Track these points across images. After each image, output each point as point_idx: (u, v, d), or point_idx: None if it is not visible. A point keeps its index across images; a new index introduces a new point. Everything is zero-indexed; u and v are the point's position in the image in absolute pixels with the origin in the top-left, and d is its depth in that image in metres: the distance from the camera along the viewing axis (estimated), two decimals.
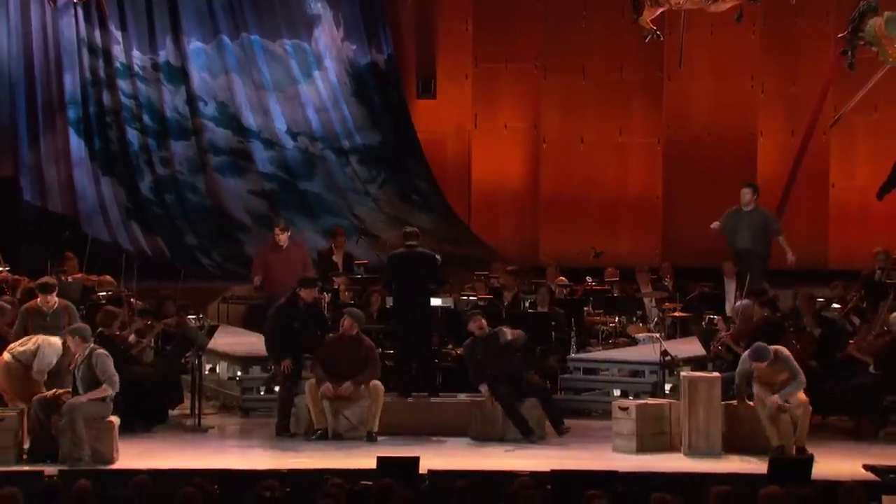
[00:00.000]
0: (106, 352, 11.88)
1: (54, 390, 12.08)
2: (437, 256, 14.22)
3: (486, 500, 8.66)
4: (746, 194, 16.37)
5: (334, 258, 17.49)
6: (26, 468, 11.34)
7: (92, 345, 11.90)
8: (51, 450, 11.68)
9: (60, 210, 20.91)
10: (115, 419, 11.99)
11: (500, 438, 13.09)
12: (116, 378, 11.70)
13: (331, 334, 13.54)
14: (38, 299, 12.84)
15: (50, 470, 10.99)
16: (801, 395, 12.43)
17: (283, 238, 15.96)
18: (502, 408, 13.08)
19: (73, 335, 11.93)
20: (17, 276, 15.88)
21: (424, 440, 12.98)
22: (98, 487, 8.70)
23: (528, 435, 12.97)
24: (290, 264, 15.42)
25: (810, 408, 12.46)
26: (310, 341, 13.41)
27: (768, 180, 21.44)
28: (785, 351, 12.56)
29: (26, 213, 20.68)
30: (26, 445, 11.89)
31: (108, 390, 11.63)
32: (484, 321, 13.26)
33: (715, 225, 16.50)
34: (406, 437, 13.10)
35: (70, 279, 16.03)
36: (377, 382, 13.13)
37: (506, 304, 16.10)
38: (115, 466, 11.62)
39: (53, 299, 12.87)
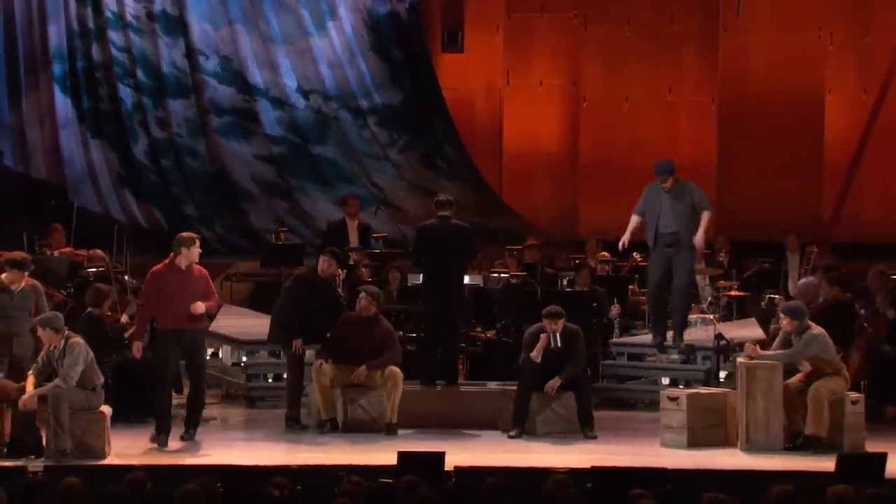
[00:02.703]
0: (82, 341, 11.84)
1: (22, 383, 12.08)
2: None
3: (520, 500, 8.67)
4: (666, 181, 14.52)
5: (347, 230, 17.43)
6: (8, 464, 11.41)
7: (67, 332, 11.91)
8: (34, 444, 11.73)
9: (45, 177, 21.00)
10: (107, 409, 12.04)
11: (533, 431, 13.10)
12: (75, 373, 11.65)
13: (345, 315, 13.55)
14: (4, 275, 12.74)
15: (34, 466, 11.06)
16: (838, 384, 12.40)
17: (193, 254, 12.56)
18: (516, 393, 13.13)
19: (43, 327, 11.85)
20: None
21: (450, 433, 12.99)
22: (87, 484, 8.74)
23: (514, 428, 12.95)
24: (190, 292, 12.47)
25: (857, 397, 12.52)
26: (317, 323, 13.38)
27: (837, 143, 21.37)
28: (819, 332, 12.49)
29: (7, 180, 20.77)
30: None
31: (59, 386, 11.63)
32: (561, 324, 13.11)
33: (624, 240, 14.67)
34: (430, 430, 13.12)
35: (56, 253, 16.09)
36: (395, 368, 13.15)
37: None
38: (107, 461, 11.67)
39: (22, 278, 12.73)
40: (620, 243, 14.90)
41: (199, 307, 12.50)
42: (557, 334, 13.10)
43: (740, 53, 21.82)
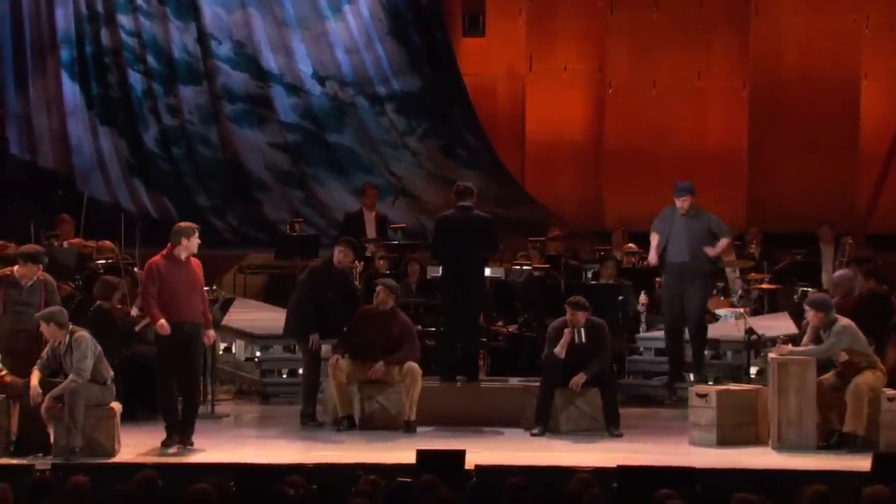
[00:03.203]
0: (88, 335, 11.85)
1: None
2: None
3: (542, 500, 8.67)
4: (684, 202, 14.44)
5: (364, 221, 17.45)
6: (15, 462, 11.44)
7: (72, 327, 11.92)
8: (41, 441, 11.76)
9: (52, 165, 21.06)
10: (117, 406, 12.07)
11: (557, 429, 13.10)
12: (87, 367, 11.64)
13: (362, 309, 13.57)
14: (17, 268, 12.76)
15: (42, 464, 11.09)
16: (878, 380, 12.36)
17: (192, 245, 12.33)
18: (539, 390, 13.13)
19: (47, 322, 11.84)
20: (1, 242, 15.98)
21: (471, 431, 13.01)
22: (96, 483, 8.76)
23: (537, 426, 12.95)
24: (190, 284, 12.27)
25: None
26: (333, 316, 13.38)
27: (873, 130, 21.32)
28: (848, 324, 12.44)
29: (13, 169, 20.84)
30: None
31: (75, 381, 11.64)
32: (584, 317, 13.08)
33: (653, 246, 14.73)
34: (450, 428, 13.14)
35: (64, 244, 16.13)
36: (413, 364, 13.17)
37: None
38: (117, 460, 11.70)
39: (35, 272, 12.71)
40: (648, 263, 15.11)
41: (211, 336, 12.52)
42: (582, 329, 13.08)
43: (772, 37, 21.75)
